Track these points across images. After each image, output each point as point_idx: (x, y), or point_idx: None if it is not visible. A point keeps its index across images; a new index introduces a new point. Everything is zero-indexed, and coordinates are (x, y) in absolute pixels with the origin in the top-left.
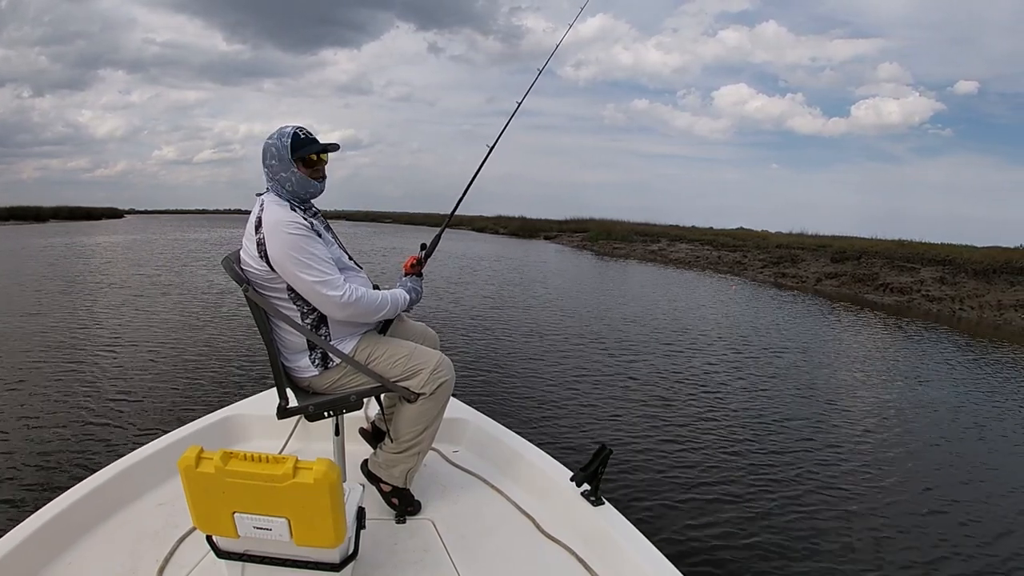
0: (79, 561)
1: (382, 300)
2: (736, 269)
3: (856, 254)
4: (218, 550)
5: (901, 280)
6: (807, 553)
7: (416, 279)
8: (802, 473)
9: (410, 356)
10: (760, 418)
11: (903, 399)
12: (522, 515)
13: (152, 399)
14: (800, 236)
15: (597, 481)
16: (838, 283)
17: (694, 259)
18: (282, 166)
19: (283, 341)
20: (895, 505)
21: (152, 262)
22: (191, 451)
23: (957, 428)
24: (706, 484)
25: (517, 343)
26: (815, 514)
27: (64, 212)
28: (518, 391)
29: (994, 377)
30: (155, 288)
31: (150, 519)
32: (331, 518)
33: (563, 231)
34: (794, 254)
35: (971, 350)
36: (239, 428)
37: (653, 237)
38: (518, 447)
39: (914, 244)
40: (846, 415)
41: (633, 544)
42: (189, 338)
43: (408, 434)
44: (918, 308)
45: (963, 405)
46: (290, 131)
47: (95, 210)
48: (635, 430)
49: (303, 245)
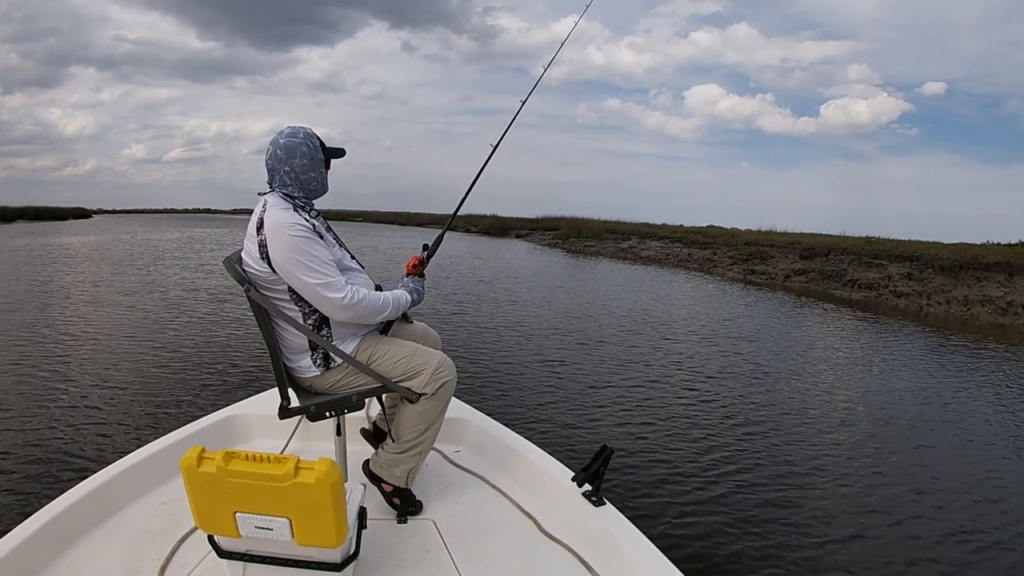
0: (81, 560)
1: (384, 301)
2: (706, 267)
3: (825, 251)
4: (220, 550)
5: (869, 276)
6: (809, 553)
7: (418, 279)
8: (804, 473)
9: (412, 356)
10: (760, 417)
11: (904, 399)
12: (523, 515)
13: (153, 399)
14: (769, 233)
15: (598, 481)
16: (806, 280)
17: (664, 257)
18: (313, 165)
19: (285, 341)
20: (890, 503)
21: (142, 262)
22: (193, 451)
23: (934, 421)
24: (708, 484)
25: (517, 343)
26: (817, 514)
27: (31, 212)
28: (519, 391)
29: (963, 370)
30: (154, 288)
31: (152, 519)
32: (332, 518)
33: (535, 229)
34: (763, 251)
35: (938, 344)
36: (241, 428)
37: (624, 235)
38: (519, 447)
39: (882, 241)
40: (849, 415)
41: (634, 544)
42: (190, 338)
43: (409, 434)
44: (886, 304)
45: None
46: (312, 132)
47: (62, 210)
48: (636, 430)
49: (305, 247)
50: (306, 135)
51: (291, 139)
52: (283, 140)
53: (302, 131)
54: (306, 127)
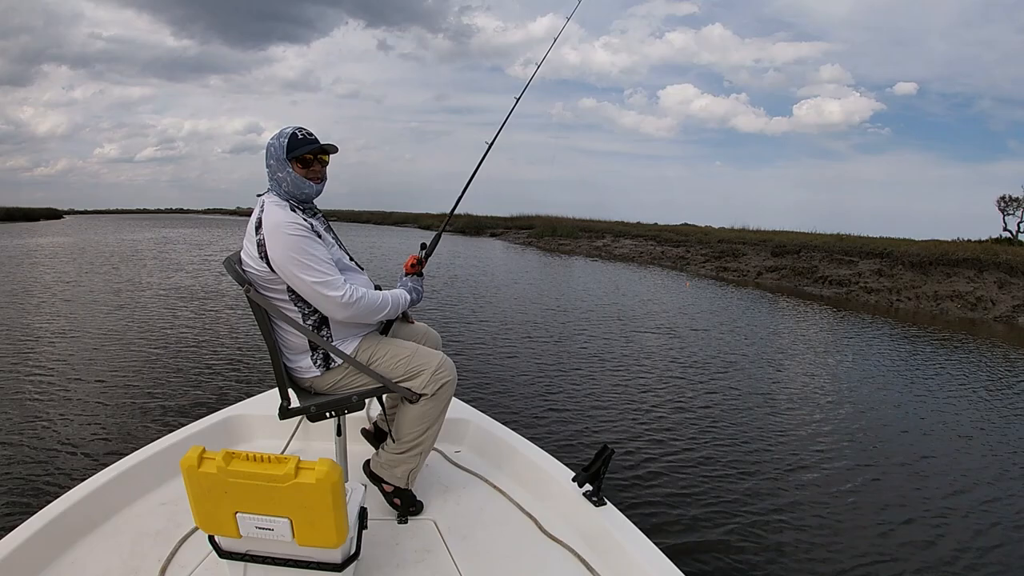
0: (82, 560)
1: (383, 300)
2: (679, 264)
3: (796, 248)
4: (220, 550)
5: (840, 273)
6: (809, 552)
7: (417, 279)
8: (805, 473)
9: (412, 357)
10: (761, 417)
11: (906, 399)
12: (524, 515)
13: (154, 399)
14: (742, 231)
15: (599, 481)
16: (778, 276)
17: (638, 254)
18: (279, 166)
19: (285, 342)
20: (891, 502)
21: (134, 263)
22: (193, 451)
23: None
24: (708, 485)
25: (517, 343)
26: (818, 513)
27: (1, 213)
28: (519, 391)
29: (932, 363)
30: (153, 288)
31: (152, 519)
32: (333, 518)
33: (509, 228)
34: (736, 248)
35: (907, 338)
36: (241, 428)
37: (598, 233)
38: (520, 447)
39: (852, 238)
40: (849, 416)
41: (635, 544)
42: (190, 339)
43: (410, 434)
44: (856, 299)
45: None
46: (289, 131)
47: (33, 211)
48: (637, 430)
49: (303, 246)
50: (279, 135)
51: (269, 140)
52: (269, 141)
53: (280, 131)
54: (293, 126)
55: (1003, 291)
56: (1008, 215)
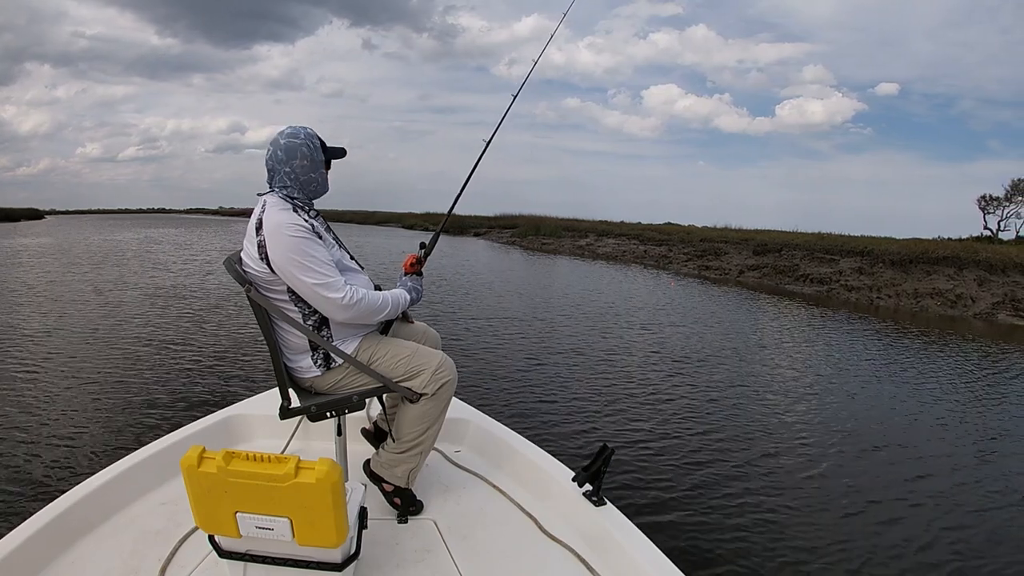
0: (82, 560)
1: (383, 301)
2: (662, 263)
3: (778, 246)
4: (220, 550)
5: (821, 271)
6: (810, 552)
7: (416, 278)
8: (805, 472)
9: (412, 356)
10: (761, 417)
11: (907, 399)
12: (524, 515)
13: (154, 399)
14: (724, 230)
15: (599, 481)
16: (760, 275)
17: (621, 253)
18: (313, 166)
19: (285, 342)
20: (890, 502)
21: (131, 263)
22: (193, 451)
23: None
24: (709, 484)
25: (517, 342)
26: (818, 513)
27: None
28: (519, 391)
29: (913, 359)
30: (152, 289)
31: (152, 518)
32: (333, 518)
33: (493, 227)
34: (717, 247)
35: (886, 335)
36: (241, 428)
37: (582, 232)
38: (520, 447)
39: (833, 236)
40: (846, 414)
41: (635, 544)
42: (191, 338)
43: (410, 434)
44: (837, 297)
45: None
46: (312, 132)
47: (14, 211)
48: (637, 430)
49: (304, 247)
50: (307, 135)
51: (292, 140)
52: (284, 141)
53: (303, 131)
54: (307, 127)
55: (983, 288)
56: (988, 214)
